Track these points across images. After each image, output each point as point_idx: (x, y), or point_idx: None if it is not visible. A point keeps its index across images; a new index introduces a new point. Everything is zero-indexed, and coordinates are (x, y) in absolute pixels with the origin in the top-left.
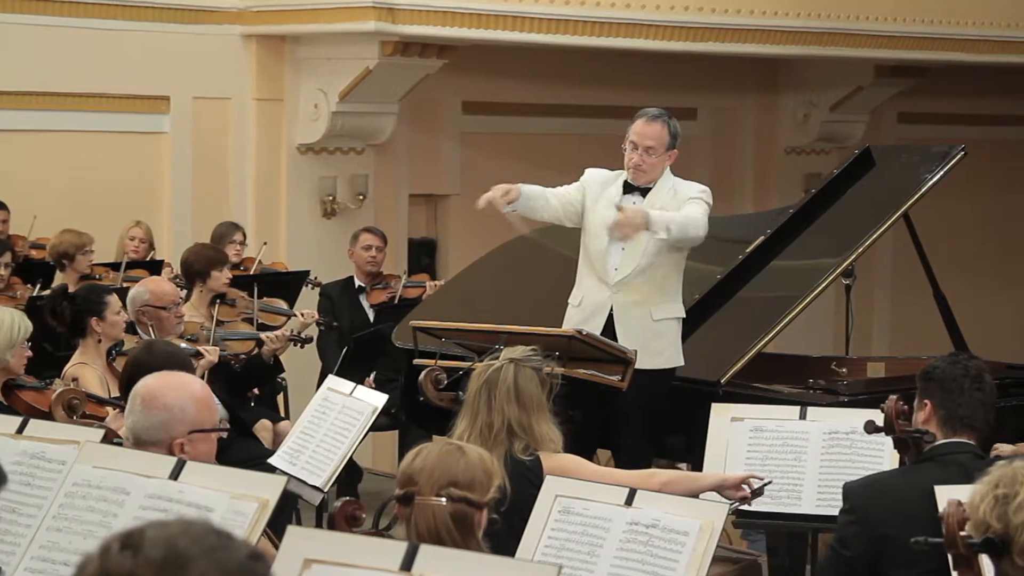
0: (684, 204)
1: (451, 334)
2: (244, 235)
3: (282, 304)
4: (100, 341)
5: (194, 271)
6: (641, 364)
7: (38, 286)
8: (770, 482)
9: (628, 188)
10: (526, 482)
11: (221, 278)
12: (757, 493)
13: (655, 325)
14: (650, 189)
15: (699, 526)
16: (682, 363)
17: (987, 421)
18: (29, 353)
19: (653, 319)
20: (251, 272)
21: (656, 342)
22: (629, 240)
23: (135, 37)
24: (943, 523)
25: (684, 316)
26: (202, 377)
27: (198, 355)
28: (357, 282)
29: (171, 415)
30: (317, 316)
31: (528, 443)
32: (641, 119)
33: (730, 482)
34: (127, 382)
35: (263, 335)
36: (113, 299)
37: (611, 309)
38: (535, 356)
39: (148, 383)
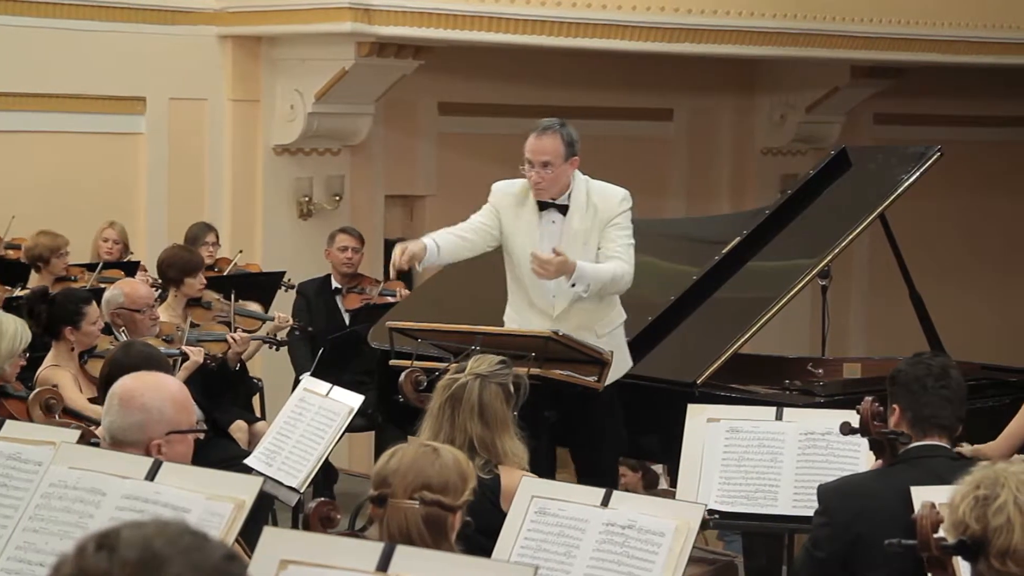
0: (607, 229)
1: (427, 335)
2: (217, 236)
3: (258, 308)
4: (73, 348)
5: (168, 278)
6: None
7: (18, 287)
8: None
9: (543, 204)
10: (483, 498)
11: (195, 284)
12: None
13: (600, 341)
14: (567, 207)
15: (675, 527)
16: (631, 364)
17: (956, 417)
18: (23, 362)
19: (598, 336)
20: (224, 273)
21: None
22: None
23: (111, 38)
24: (917, 525)
25: (625, 317)
26: (185, 379)
27: (184, 357)
28: (334, 283)
29: (149, 415)
30: (292, 321)
31: (489, 459)
32: (532, 135)
33: None
34: (104, 383)
35: (228, 336)
36: (91, 309)
37: None
38: (502, 370)
39: (126, 383)
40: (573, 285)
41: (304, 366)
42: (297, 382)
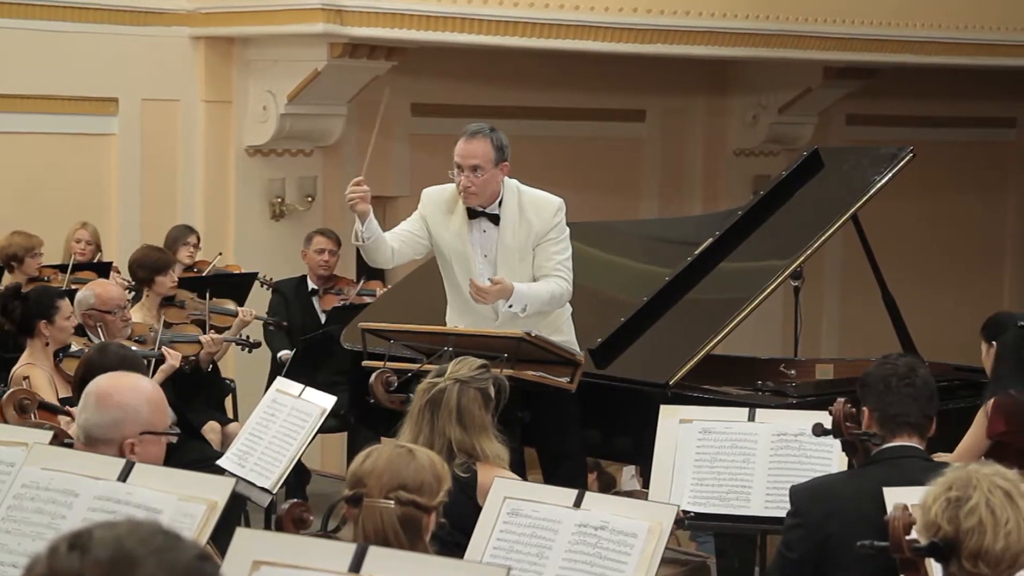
0: (543, 244)
1: (400, 336)
2: (198, 238)
3: (231, 305)
4: (48, 344)
5: (139, 278)
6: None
7: None
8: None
9: (473, 212)
10: (461, 495)
11: (166, 283)
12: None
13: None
14: (498, 216)
15: (647, 528)
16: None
17: (925, 415)
18: None
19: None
20: (203, 274)
21: None
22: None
23: (83, 39)
24: (889, 527)
25: (571, 309)
26: (161, 381)
27: (159, 358)
28: (310, 284)
29: (124, 414)
30: (255, 313)
31: (468, 461)
32: (462, 138)
33: None
34: (79, 384)
35: (201, 337)
36: (64, 304)
37: None
38: (482, 374)
39: (102, 382)
40: (511, 307)
41: (283, 348)
42: (274, 368)
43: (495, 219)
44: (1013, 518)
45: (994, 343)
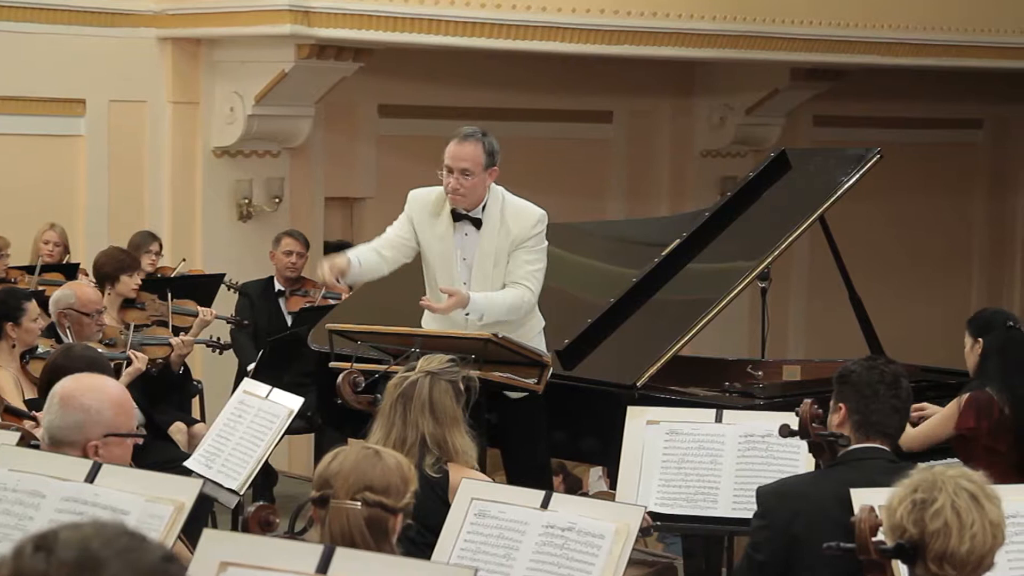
0: (517, 251)
1: (367, 337)
2: (161, 246)
3: (192, 306)
4: (14, 346)
5: (103, 274)
6: (511, 393)
7: None
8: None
9: (458, 215)
10: (433, 495)
11: (130, 283)
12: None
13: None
14: (480, 221)
15: (615, 529)
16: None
17: (901, 427)
18: None
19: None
20: (167, 277)
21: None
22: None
23: (51, 40)
24: (855, 529)
25: (544, 323)
26: (127, 384)
27: (128, 361)
28: (277, 285)
29: (87, 416)
30: (215, 313)
31: (440, 457)
32: (453, 141)
33: None
34: (46, 386)
35: (172, 340)
36: (31, 306)
37: None
38: (452, 368)
39: (67, 383)
40: (467, 315)
41: (250, 357)
42: (240, 378)
43: (477, 223)
44: (978, 520)
45: (980, 339)
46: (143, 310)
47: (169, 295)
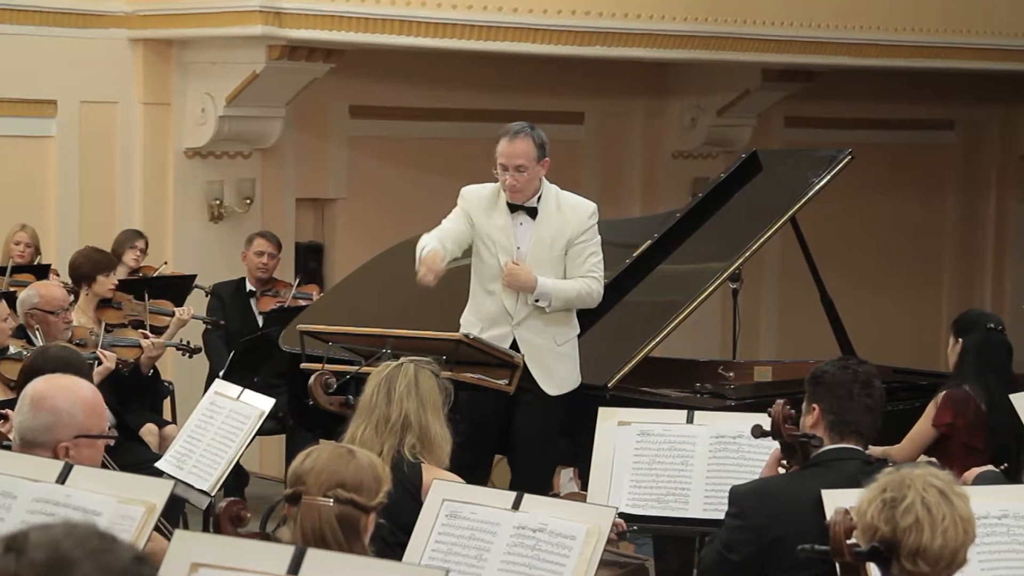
0: (577, 245)
1: (338, 338)
2: (146, 243)
3: (169, 306)
4: None
5: (80, 274)
6: (548, 390)
7: None
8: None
9: (513, 206)
10: (401, 487)
11: (107, 283)
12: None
13: (559, 349)
14: (535, 209)
15: (586, 530)
16: (579, 381)
17: (874, 427)
18: None
19: (557, 344)
20: (145, 277)
21: (560, 367)
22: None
23: (22, 41)
24: (830, 531)
25: (579, 330)
26: (98, 384)
27: (97, 361)
28: (248, 286)
29: (58, 418)
30: (192, 312)
31: (419, 442)
32: (504, 139)
33: None
34: (20, 386)
35: (142, 341)
36: (1, 307)
37: (514, 339)
38: (434, 363)
39: (39, 385)
40: (536, 301)
41: (221, 363)
42: (212, 379)
43: (532, 213)
44: (949, 515)
45: (961, 339)
46: (120, 310)
47: (146, 295)
